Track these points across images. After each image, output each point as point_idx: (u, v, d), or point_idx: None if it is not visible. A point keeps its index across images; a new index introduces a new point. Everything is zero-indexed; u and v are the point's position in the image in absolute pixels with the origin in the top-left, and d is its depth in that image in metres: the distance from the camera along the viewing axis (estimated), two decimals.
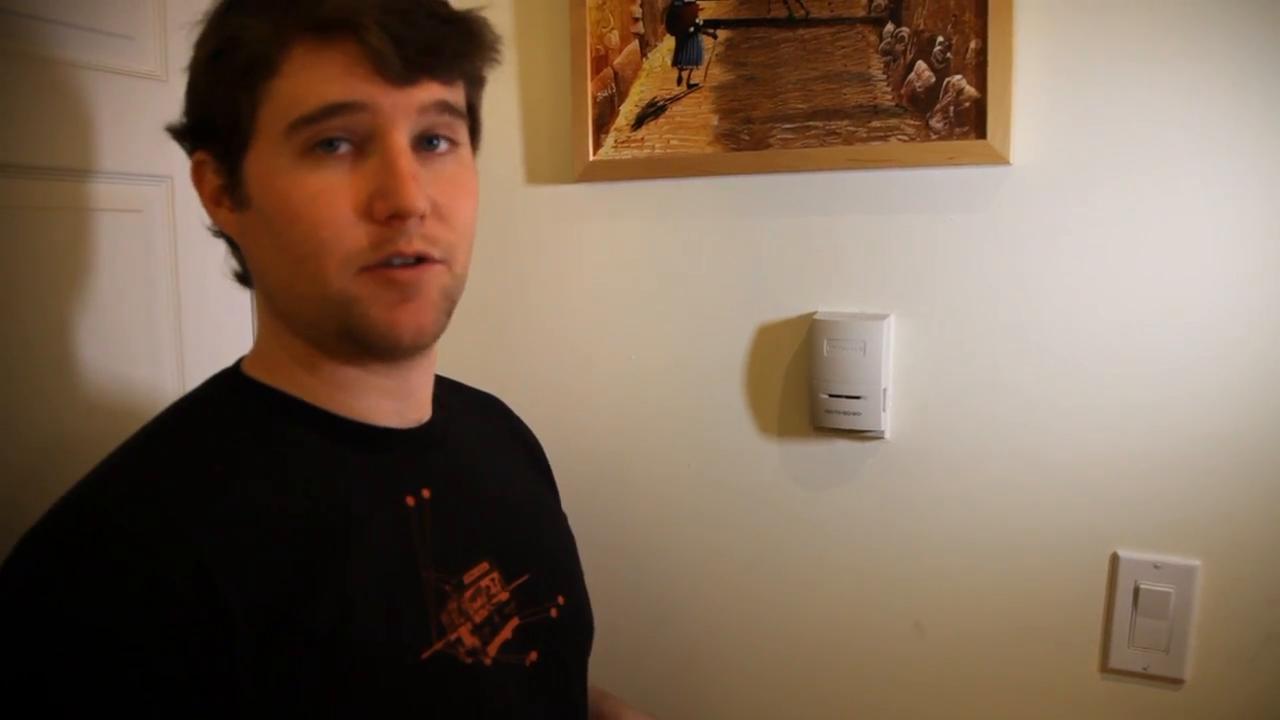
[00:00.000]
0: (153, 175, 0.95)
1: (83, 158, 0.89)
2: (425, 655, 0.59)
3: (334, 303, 0.60)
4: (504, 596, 0.68)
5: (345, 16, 0.56)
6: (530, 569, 0.71)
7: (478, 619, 0.64)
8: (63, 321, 0.88)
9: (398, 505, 0.64)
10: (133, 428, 0.96)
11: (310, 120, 0.57)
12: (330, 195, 0.57)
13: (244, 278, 0.68)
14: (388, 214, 0.57)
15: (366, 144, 0.58)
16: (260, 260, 0.63)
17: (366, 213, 0.58)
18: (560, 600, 0.73)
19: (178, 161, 0.97)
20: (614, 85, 1.06)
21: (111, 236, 0.92)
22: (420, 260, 0.60)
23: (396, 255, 0.59)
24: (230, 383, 0.67)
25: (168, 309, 0.98)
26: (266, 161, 0.59)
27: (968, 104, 0.90)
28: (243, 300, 1.07)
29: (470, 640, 0.63)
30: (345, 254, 0.58)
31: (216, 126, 0.61)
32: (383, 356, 0.63)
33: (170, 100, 0.96)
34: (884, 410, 0.97)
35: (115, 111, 0.91)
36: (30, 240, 0.85)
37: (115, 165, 0.92)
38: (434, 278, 0.61)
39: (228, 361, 1.04)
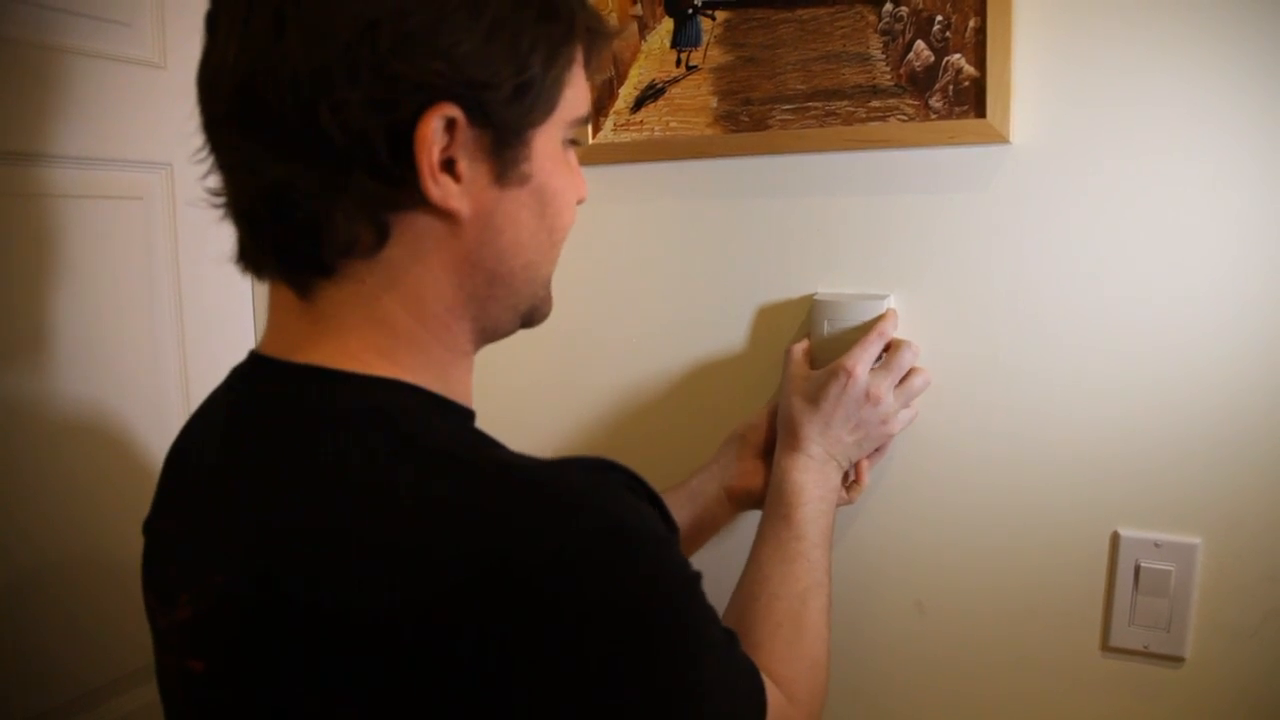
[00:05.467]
0: (152, 162, 0.96)
1: (81, 145, 0.89)
2: None
3: (546, 283, 0.64)
4: None
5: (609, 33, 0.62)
6: None
7: None
8: (63, 309, 0.88)
9: None
10: (133, 416, 0.97)
11: (586, 120, 0.63)
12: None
13: (320, 264, 0.55)
14: (578, 201, 0.64)
15: None
16: (509, 241, 0.58)
17: None
18: None
19: (177, 148, 0.98)
20: (612, 68, 1.06)
21: (111, 224, 0.92)
22: None
23: None
24: (395, 389, 0.57)
25: (168, 295, 0.98)
26: (552, 144, 0.59)
27: (967, 83, 0.90)
28: (243, 286, 1.07)
29: None
30: None
31: (514, 88, 0.54)
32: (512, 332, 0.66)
33: (168, 87, 0.96)
34: None
35: (113, 98, 0.91)
36: (29, 228, 0.86)
37: (114, 152, 0.92)
38: None
39: (229, 346, 1.05)
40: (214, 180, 0.57)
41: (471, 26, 0.51)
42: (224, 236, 1.11)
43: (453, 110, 0.52)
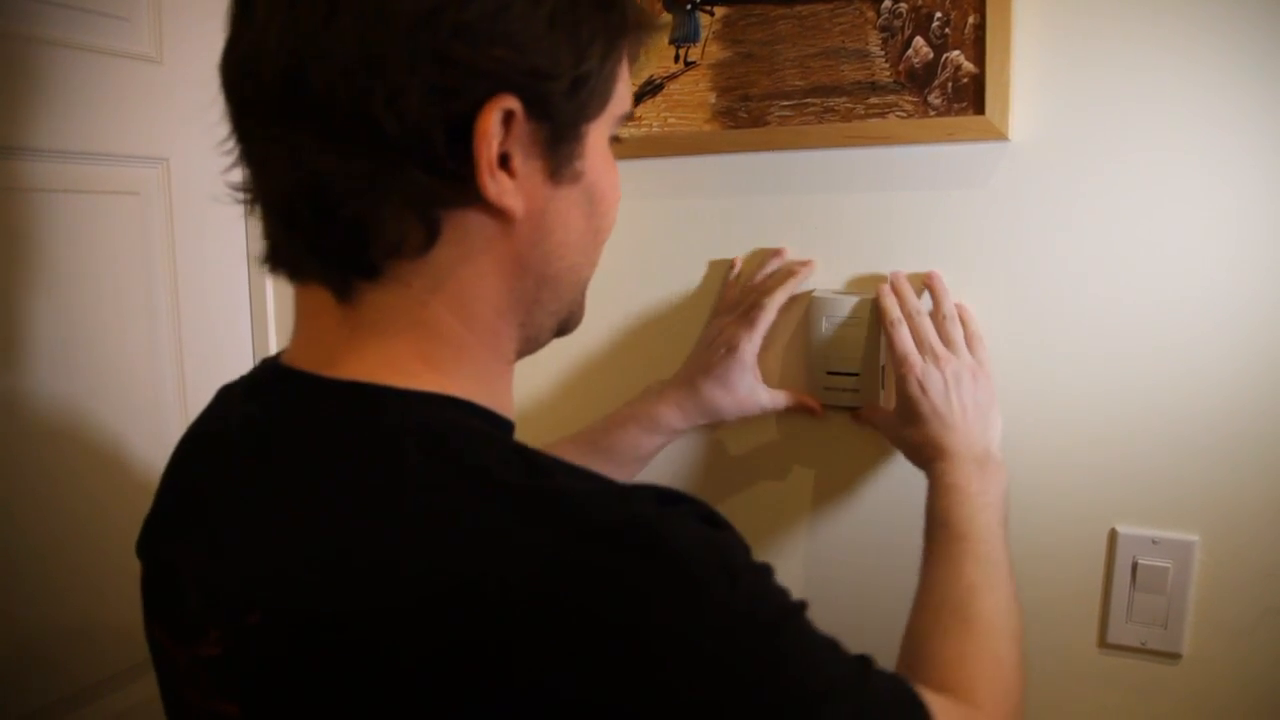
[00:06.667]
0: (149, 157, 0.95)
1: (78, 140, 0.89)
2: None
3: (585, 288, 0.62)
4: None
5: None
6: None
7: None
8: (56, 306, 0.88)
9: None
10: (130, 415, 0.96)
11: (630, 117, 0.60)
12: None
13: (364, 264, 0.52)
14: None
15: None
16: (558, 242, 0.56)
17: None
18: None
19: (174, 143, 0.97)
20: None
21: (108, 219, 0.92)
22: None
23: None
24: (443, 405, 0.54)
25: (165, 291, 0.98)
26: (602, 141, 0.56)
27: (966, 80, 0.90)
28: (240, 281, 1.07)
29: None
30: None
31: (573, 80, 0.51)
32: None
33: (165, 82, 0.96)
34: (882, 387, 0.97)
35: (111, 93, 0.91)
36: (24, 222, 0.85)
37: (111, 147, 0.92)
38: None
39: (226, 342, 1.05)
40: (226, 175, 0.54)
41: (533, 14, 0.49)
42: (221, 232, 1.10)
43: (512, 102, 0.49)
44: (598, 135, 0.56)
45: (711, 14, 1.00)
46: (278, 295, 1.09)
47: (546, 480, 0.48)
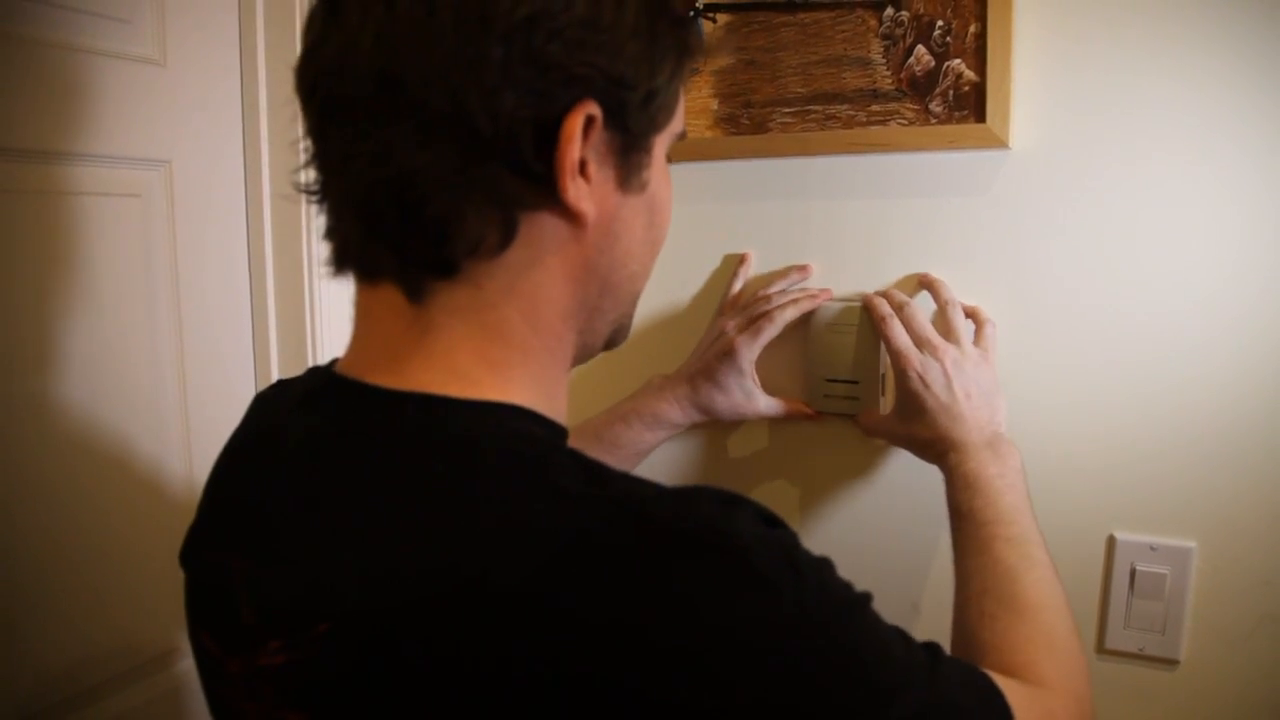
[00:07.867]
0: (151, 160, 0.95)
1: (80, 142, 0.89)
2: None
3: (637, 300, 0.62)
4: None
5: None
6: None
7: None
8: (58, 309, 0.88)
9: None
10: (130, 417, 0.96)
11: (683, 136, 0.61)
12: None
13: (443, 263, 0.52)
14: None
15: None
16: (623, 249, 0.57)
17: None
18: None
19: (176, 146, 0.97)
20: None
21: (109, 221, 0.92)
22: None
23: None
24: (509, 414, 0.54)
25: (166, 294, 0.98)
26: (663, 155, 0.59)
27: (967, 88, 0.90)
28: (241, 284, 1.07)
29: None
30: None
31: (647, 92, 0.53)
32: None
33: (168, 85, 0.96)
34: (882, 394, 0.97)
35: (113, 96, 0.91)
36: (26, 225, 0.85)
37: (113, 150, 0.91)
38: None
39: (226, 344, 1.05)
40: (294, 175, 0.55)
41: (619, 24, 0.50)
42: (223, 235, 1.10)
43: (595, 109, 0.50)
44: (660, 149, 0.58)
45: (714, 20, 1.00)
46: (279, 298, 1.09)
47: (608, 487, 0.49)
